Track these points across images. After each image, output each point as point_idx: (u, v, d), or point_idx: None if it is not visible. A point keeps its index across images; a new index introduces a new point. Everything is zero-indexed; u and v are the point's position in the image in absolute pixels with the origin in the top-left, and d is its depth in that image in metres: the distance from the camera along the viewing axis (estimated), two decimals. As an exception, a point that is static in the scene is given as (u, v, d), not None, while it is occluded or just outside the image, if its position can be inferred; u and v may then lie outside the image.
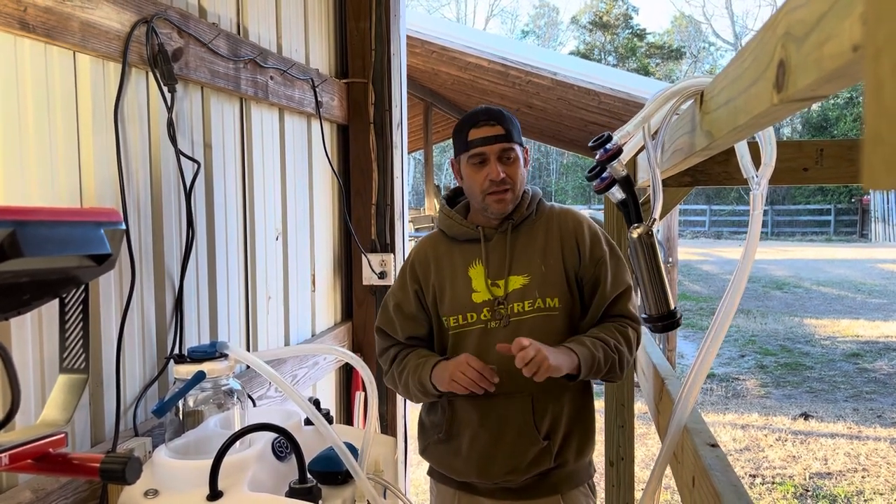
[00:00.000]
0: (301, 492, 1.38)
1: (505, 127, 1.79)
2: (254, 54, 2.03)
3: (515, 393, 1.79)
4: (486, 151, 1.78)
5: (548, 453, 1.81)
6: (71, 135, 1.37)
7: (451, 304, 1.84)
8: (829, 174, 2.11)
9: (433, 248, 1.92)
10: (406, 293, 1.90)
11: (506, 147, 1.79)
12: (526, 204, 1.88)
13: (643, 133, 1.32)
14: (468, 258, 1.86)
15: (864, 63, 0.24)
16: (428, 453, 1.95)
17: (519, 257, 1.83)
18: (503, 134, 1.78)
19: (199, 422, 1.50)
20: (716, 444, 1.26)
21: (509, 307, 1.80)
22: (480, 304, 1.81)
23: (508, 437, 1.81)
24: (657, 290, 1.32)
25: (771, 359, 8.02)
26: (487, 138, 1.78)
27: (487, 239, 1.85)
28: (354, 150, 2.79)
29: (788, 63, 0.67)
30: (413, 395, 1.87)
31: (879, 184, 0.23)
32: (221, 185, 1.91)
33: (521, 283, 1.81)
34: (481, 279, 1.83)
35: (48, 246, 0.70)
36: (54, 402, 0.88)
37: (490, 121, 1.79)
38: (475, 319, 1.82)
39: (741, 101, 0.88)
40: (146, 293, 1.58)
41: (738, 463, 4.88)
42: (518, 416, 1.80)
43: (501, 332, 1.78)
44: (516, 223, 1.86)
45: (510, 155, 1.80)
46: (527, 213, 1.87)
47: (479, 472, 1.83)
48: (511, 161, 1.80)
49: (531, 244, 1.84)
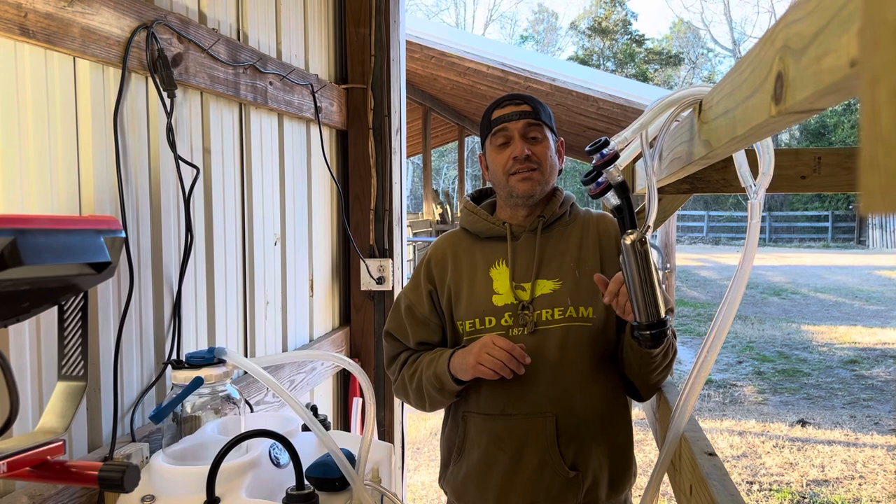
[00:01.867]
0: (298, 498, 1.38)
1: (532, 105, 1.67)
2: (253, 60, 2.03)
3: (537, 413, 1.59)
4: (509, 127, 1.65)
5: (575, 487, 1.60)
6: (70, 140, 1.37)
7: (467, 306, 1.66)
8: (827, 182, 2.12)
9: (452, 246, 1.75)
10: (419, 294, 1.72)
11: (531, 123, 1.65)
12: (559, 202, 1.72)
13: (641, 140, 1.32)
14: (491, 258, 1.69)
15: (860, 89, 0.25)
16: (445, 481, 1.75)
17: (549, 260, 1.66)
18: (529, 111, 1.65)
19: (196, 427, 1.50)
20: (713, 453, 1.26)
21: (535, 313, 1.61)
22: (502, 307, 1.63)
23: (529, 465, 1.60)
24: (647, 299, 1.32)
25: (768, 365, 8.03)
26: (511, 114, 1.65)
27: (515, 237, 1.69)
28: (353, 155, 2.80)
29: (786, 76, 0.67)
30: (427, 396, 1.67)
31: (876, 208, 0.23)
32: (220, 191, 1.91)
33: (552, 287, 1.63)
34: (505, 280, 1.65)
35: (48, 254, 0.70)
36: (53, 410, 0.88)
37: (516, 100, 1.69)
38: (494, 324, 1.63)
39: (739, 112, 0.88)
40: (144, 299, 1.58)
41: (735, 469, 4.88)
42: (540, 440, 1.59)
43: (526, 340, 1.59)
44: (548, 221, 1.70)
45: (536, 134, 1.65)
46: (560, 211, 1.71)
47: (495, 500, 1.63)
48: (538, 141, 1.65)
49: (564, 247, 1.67)
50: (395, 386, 1.78)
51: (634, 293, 1.36)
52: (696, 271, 17.34)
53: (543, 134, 1.67)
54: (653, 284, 1.34)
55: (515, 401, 1.61)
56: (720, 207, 30.81)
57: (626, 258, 1.35)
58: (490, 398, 1.63)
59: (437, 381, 1.62)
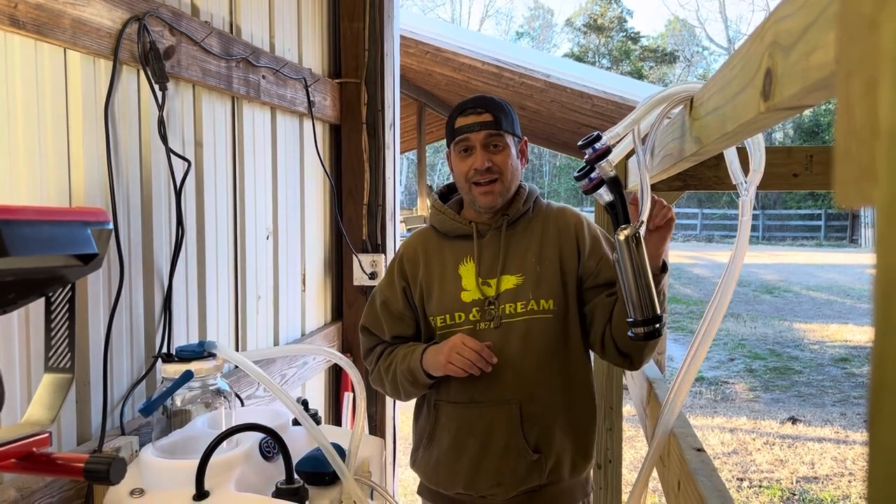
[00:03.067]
0: (288, 492, 1.38)
1: (494, 114, 1.69)
2: (246, 53, 2.03)
3: (503, 401, 1.69)
4: (470, 138, 1.69)
5: (538, 468, 1.70)
6: (60, 132, 1.37)
7: (438, 302, 1.76)
8: (819, 180, 2.13)
9: (423, 244, 1.83)
10: (393, 290, 1.82)
11: (492, 134, 1.69)
12: (522, 199, 1.78)
13: (633, 136, 1.32)
14: (459, 255, 1.77)
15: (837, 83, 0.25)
16: (416, 465, 1.85)
17: (513, 256, 1.74)
18: (490, 121, 1.69)
19: (186, 421, 1.50)
20: (702, 449, 1.27)
21: (500, 308, 1.70)
22: (469, 303, 1.72)
23: (496, 449, 1.70)
24: (642, 294, 1.32)
25: (760, 363, 8.06)
26: (473, 125, 1.69)
27: (481, 235, 1.77)
28: (346, 150, 2.79)
29: (775, 72, 0.67)
30: (402, 388, 1.77)
31: (850, 201, 0.23)
32: (212, 184, 1.90)
33: (515, 283, 1.72)
34: (472, 277, 1.74)
35: (34, 245, 0.70)
36: (39, 402, 0.88)
37: (478, 108, 1.70)
38: (463, 320, 1.73)
39: (729, 109, 0.89)
40: (135, 292, 1.57)
41: (725, 466, 4.90)
42: (505, 426, 1.70)
43: (491, 334, 1.70)
44: (512, 220, 1.77)
45: (497, 143, 1.70)
46: (523, 209, 1.78)
47: (465, 483, 1.74)
48: (499, 150, 1.70)
49: (527, 243, 1.75)
50: (372, 377, 1.88)
51: (629, 289, 1.36)
52: (689, 269, 17.38)
53: (504, 142, 1.71)
54: (647, 280, 1.34)
55: (483, 390, 1.70)
56: (714, 205, 30.89)
57: (620, 253, 1.35)
58: (460, 389, 1.73)
59: (411, 375, 1.72)
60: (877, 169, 0.20)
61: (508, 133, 1.71)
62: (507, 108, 1.74)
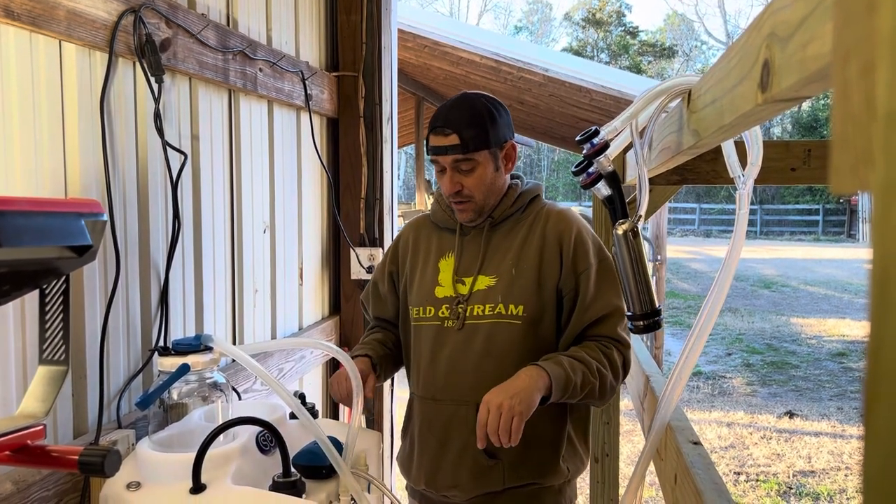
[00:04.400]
0: (285, 485, 1.38)
1: (462, 135, 1.60)
2: (243, 46, 2.02)
3: (461, 402, 1.64)
4: (439, 161, 1.65)
5: (495, 474, 1.64)
6: (56, 125, 1.36)
7: (416, 293, 1.74)
8: (817, 174, 2.12)
9: (416, 230, 1.83)
10: (383, 272, 1.84)
11: (458, 158, 1.62)
12: (511, 200, 1.72)
13: (631, 130, 1.32)
14: (443, 248, 1.75)
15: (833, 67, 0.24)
16: (396, 457, 1.87)
17: (492, 257, 1.69)
18: (456, 144, 1.60)
19: (183, 415, 1.50)
20: (698, 442, 1.27)
21: (469, 308, 1.66)
22: (441, 299, 1.69)
23: (453, 449, 1.67)
24: (641, 288, 1.33)
25: (757, 357, 8.08)
26: (439, 148, 1.63)
27: (464, 233, 1.73)
28: (344, 143, 2.79)
29: (773, 63, 0.67)
30: None
31: (845, 186, 0.23)
32: (209, 177, 1.90)
33: (488, 284, 1.66)
34: (449, 273, 1.70)
35: (27, 236, 0.69)
36: (33, 394, 0.87)
37: (445, 128, 1.62)
38: (432, 315, 1.70)
39: (727, 101, 0.88)
40: (131, 285, 1.57)
41: (722, 460, 4.91)
42: (462, 427, 1.64)
43: (455, 334, 1.66)
44: (496, 220, 1.72)
45: (463, 167, 1.63)
46: (511, 210, 1.72)
47: (427, 480, 1.72)
48: (470, 171, 1.63)
49: (508, 244, 1.69)
50: None
51: (627, 283, 1.36)
52: (688, 263, 17.40)
53: (475, 161, 1.63)
54: (645, 274, 1.35)
55: (442, 388, 1.68)
56: (712, 200, 30.90)
57: (619, 248, 1.35)
58: (423, 383, 1.73)
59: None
60: (874, 153, 0.20)
61: (481, 150, 1.62)
62: (481, 119, 1.63)
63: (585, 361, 1.56)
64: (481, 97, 1.68)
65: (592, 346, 1.61)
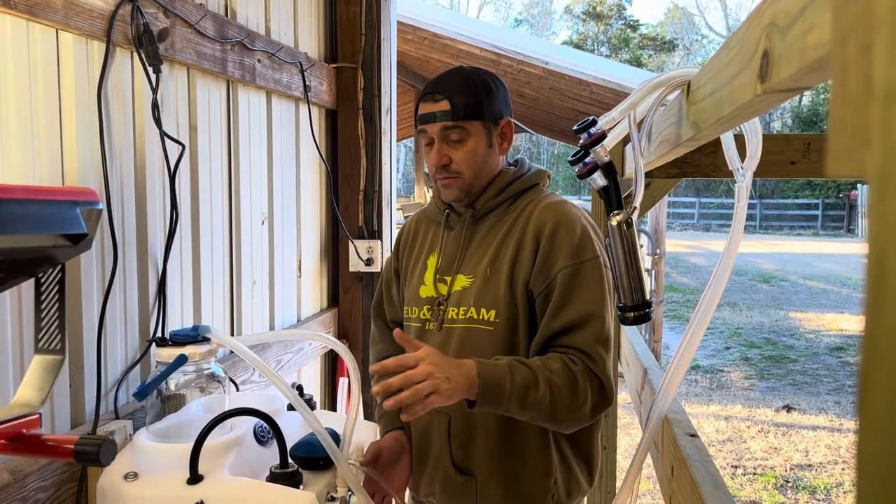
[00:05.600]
0: (282, 476, 1.38)
1: (453, 101, 1.47)
2: (241, 36, 2.01)
3: (435, 411, 1.41)
4: (428, 130, 1.51)
5: (469, 491, 1.52)
6: (53, 114, 1.36)
7: (407, 292, 1.65)
8: (817, 168, 2.12)
9: (415, 226, 1.72)
10: (390, 271, 1.74)
11: (447, 126, 1.48)
12: (497, 189, 1.55)
13: (628, 122, 1.31)
14: (433, 244, 1.63)
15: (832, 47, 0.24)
16: None
17: (472, 254, 1.54)
18: (447, 111, 1.47)
19: (180, 405, 1.50)
20: (695, 434, 1.27)
21: (448, 310, 1.53)
22: (425, 299, 1.58)
23: (429, 459, 1.57)
24: (633, 280, 1.32)
25: (756, 351, 8.09)
26: (428, 115, 1.49)
27: (450, 227, 1.61)
28: (343, 135, 2.78)
29: (772, 53, 0.67)
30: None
31: (842, 169, 0.23)
32: (207, 169, 1.89)
33: (463, 284, 1.53)
34: (431, 272, 1.59)
35: (22, 224, 0.69)
36: (29, 383, 0.87)
37: (436, 94, 1.49)
38: (416, 316, 1.59)
39: (726, 92, 0.88)
40: (129, 276, 1.57)
41: (720, 454, 4.92)
42: (435, 438, 1.54)
43: (435, 337, 1.53)
44: (479, 213, 1.56)
45: (453, 136, 1.49)
46: (495, 201, 1.55)
47: (411, 483, 1.64)
48: (460, 143, 1.50)
49: (489, 241, 1.54)
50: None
51: (620, 275, 1.35)
52: (687, 258, 17.41)
53: (466, 132, 1.49)
54: (638, 266, 1.34)
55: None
56: (711, 194, 30.90)
57: (612, 239, 1.35)
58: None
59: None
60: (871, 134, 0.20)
61: (473, 119, 1.49)
62: (477, 87, 1.50)
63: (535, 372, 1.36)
64: (478, 69, 1.57)
65: (555, 358, 1.40)
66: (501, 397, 1.33)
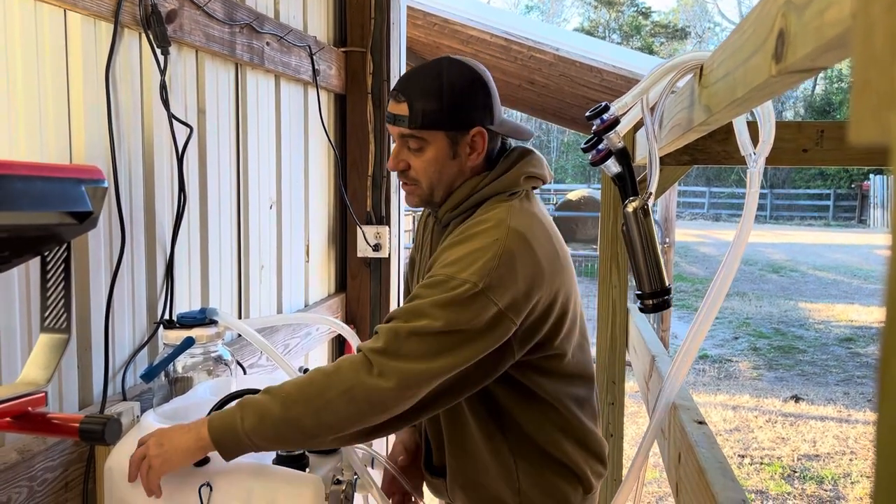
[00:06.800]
0: (288, 459, 1.38)
1: (413, 106, 1.35)
2: (250, 19, 2.00)
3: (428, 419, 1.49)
4: (390, 130, 1.41)
5: (444, 489, 1.54)
6: (61, 95, 1.35)
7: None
8: (829, 156, 2.10)
9: (424, 218, 1.63)
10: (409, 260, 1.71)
11: (404, 133, 1.37)
12: (458, 200, 1.41)
13: (641, 106, 1.30)
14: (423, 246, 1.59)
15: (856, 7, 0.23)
16: None
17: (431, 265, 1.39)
18: (404, 116, 1.35)
19: (188, 388, 1.50)
20: (703, 422, 1.26)
21: None
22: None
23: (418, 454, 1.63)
24: (651, 267, 1.31)
25: (764, 341, 8.06)
26: (388, 116, 1.39)
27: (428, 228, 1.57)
28: (351, 120, 2.77)
29: (788, 32, 0.65)
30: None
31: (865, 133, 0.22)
32: (215, 151, 1.89)
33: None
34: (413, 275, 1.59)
35: (25, 200, 0.68)
36: (35, 362, 0.87)
37: (399, 93, 1.37)
38: None
39: (740, 74, 0.86)
40: (136, 258, 1.57)
41: (727, 443, 4.92)
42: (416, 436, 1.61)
43: None
44: (443, 220, 1.46)
45: (411, 144, 1.38)
46: (455, 212, 1.42)
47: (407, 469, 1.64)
48: (417, 151, 1.38)
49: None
50: None
51: (636, 261, 1.34)
52: (696, 247, 17.33)
53: (424, 141, 1.36)
54: (655, 252, 1.33)
55: None
56: (722, 184, 30.71)
57: (628, 226, 1.33)
58: None
59: None
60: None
61: (433, 129, 1.36)
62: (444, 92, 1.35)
63: (266, 395, 1.25)
64: (460, 66, 1.39)
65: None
66: (240, 437, 1.22)
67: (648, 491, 4.04)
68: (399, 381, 1.21)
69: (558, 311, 1.37)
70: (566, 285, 1.39)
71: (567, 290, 1.40)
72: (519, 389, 1.41)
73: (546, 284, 1.32)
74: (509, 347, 1.31)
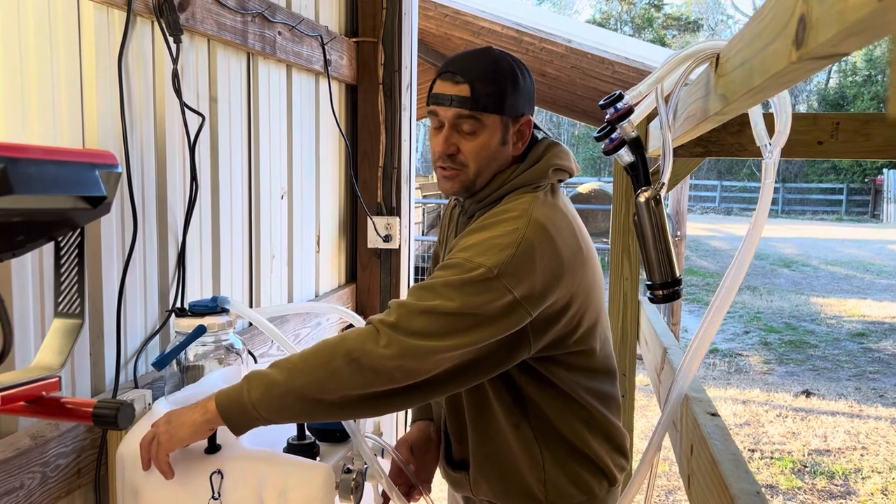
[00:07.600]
0: (299, 448, 1.39)
1: (475, 87, 1.33)
2: (262, 8, 1.99)
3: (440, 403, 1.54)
4: (440, 113, 1.37)
5: (465, 484, 1.54)
6: (74, 83, 1.35)
7: None
8: (844, 148, 2.08)
9: (450, 210, 1.62)
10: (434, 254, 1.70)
11: (462, 114, 1.34)
12: (490, 191, 1.41)
13: (656, 95, 1.28)
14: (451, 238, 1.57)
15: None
16: None
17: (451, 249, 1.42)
18: (466, 97, 1.34)
19: (199, 376, 1.51)
20: (716, 413, 1.26)
21: None
22: None
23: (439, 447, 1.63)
24: (662, 257, 1.30)
25: (775, 336, 8.02)
26: (444, 97, 1.36)
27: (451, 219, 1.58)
28: (362, 110, 2.76)
29: (810, 17, 0.64)
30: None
31: (907, 104, 0.21)
32: (227, 140, 1.89)
33: None
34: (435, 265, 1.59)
35: (40, 184, 0.68)
36: (49, 347, 0.87)
37: (457, 74, 1.35)
38: None
39: (758, 61, 0.85)
40: (149, 245, 1.57)
41: (737, 437, 4.90)
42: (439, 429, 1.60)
43: None
44: (468, 211, 1.46)
45: (465, 127, 1.35)
46: (482, 202, 1.42)
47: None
48: (472, 135, 1.36)
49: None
50: None
51: (647, 252, 1.33)
52: (707, 241, 17.26)
53: (481, 124, 1.35)
54: (667, 242, 1.31)
55: None
56: (734, 178, 30.54)
57: (640, 216, 1.32)
58: None
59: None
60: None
61: (493, 113, 1.35)
62: (504, 77, 1.36)
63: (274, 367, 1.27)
64: (508, 55, 1.41)
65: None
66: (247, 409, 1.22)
67: (657, 484, 4.03)
68: (404, 354, 1.21)
69: (579, 306, 1.37)
70: (588, 280, 1.39)
71: (589, 285, 1.39)
72: (545, 383, 1.41)
73: (566, 278, 1.32)
74: (525, 337, 1.31)
